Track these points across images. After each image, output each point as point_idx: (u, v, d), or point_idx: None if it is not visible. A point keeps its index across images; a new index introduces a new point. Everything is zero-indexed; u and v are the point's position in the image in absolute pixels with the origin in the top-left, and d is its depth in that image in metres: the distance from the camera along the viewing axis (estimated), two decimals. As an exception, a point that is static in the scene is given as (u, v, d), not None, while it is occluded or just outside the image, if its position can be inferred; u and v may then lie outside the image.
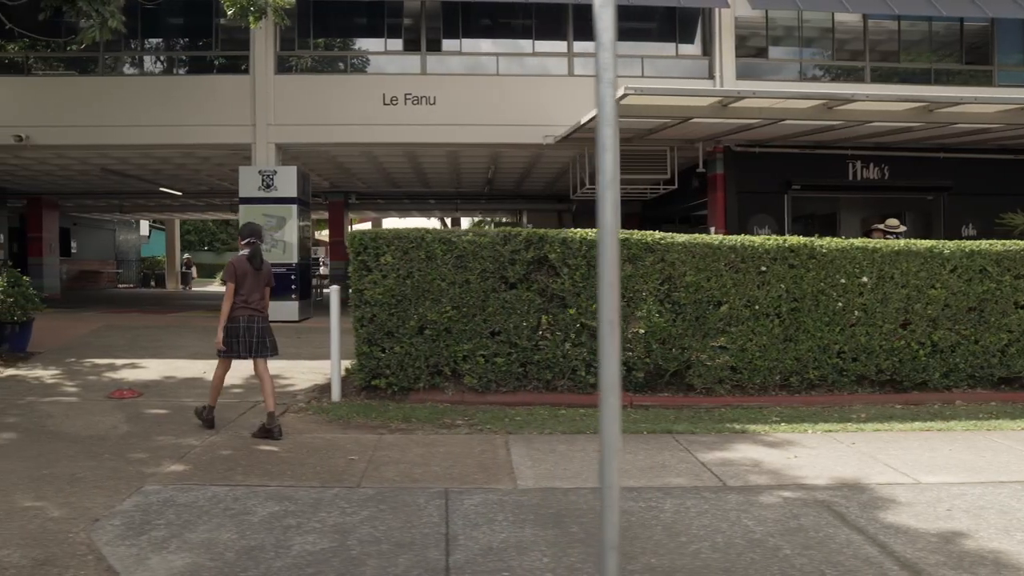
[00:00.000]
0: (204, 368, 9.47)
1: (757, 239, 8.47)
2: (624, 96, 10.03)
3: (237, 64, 15.77)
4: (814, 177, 16.27)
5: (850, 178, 16.44)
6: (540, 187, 23.26)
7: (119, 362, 10.09)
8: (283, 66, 15.58)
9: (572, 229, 8.14)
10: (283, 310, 14.42)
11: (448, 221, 41.27)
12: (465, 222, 42.86)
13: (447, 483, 5.29)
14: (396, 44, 15.87)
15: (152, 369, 9.61)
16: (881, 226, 12.81)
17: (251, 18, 11.34)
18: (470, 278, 7.83)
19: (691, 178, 16.44)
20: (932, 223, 16.80)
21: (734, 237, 8.47)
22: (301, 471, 5.48)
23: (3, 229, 21.80)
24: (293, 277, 14.70)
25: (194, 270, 35.70)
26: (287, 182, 14.70)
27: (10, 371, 9.42)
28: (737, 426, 7.26)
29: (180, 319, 15.32)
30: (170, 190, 22.26)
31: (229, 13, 11.20)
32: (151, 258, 37.88)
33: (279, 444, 6.22)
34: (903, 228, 11.56)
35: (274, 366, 9.65)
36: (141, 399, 7.93)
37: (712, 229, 15.85)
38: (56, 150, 15.83)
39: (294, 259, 14.73)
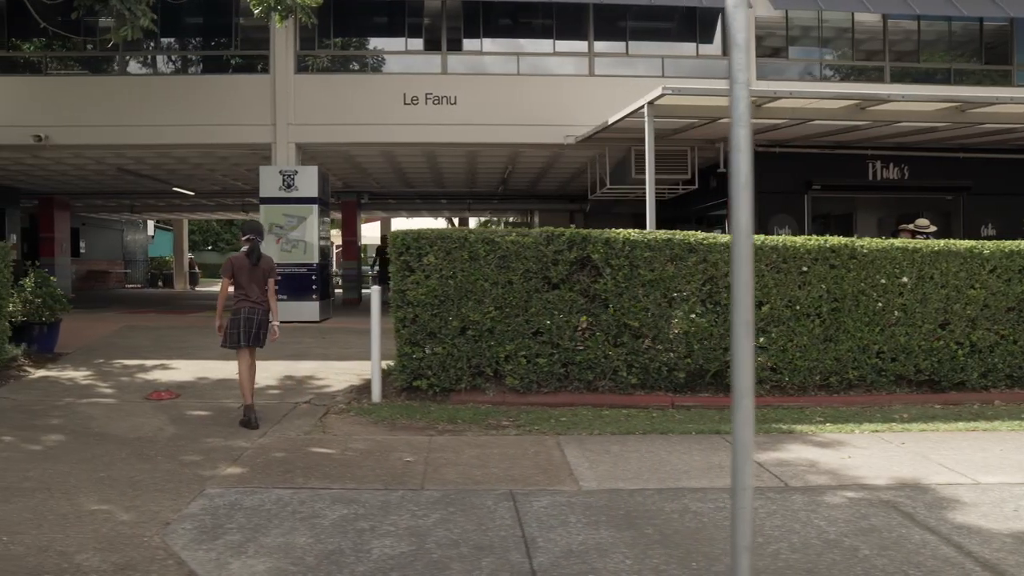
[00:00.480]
0: (236, 370, 9.38)
1: (798, 239, 8.41)
2: (661, 96, 9.95)
3: (257, 64, 15.71)
4: (834, 177, 16.23)
5: (870, 178, 16.40)
6: (554, 187, 23.21)
7: (149, 363, 10.01)
8: (303, 65, 15.52)
9: (615, 229, 8.08)
10: (304, 310, 14.37)
11: (456, 221, 41.24)
12: (471, 222, 42.82)
13: (510, 485, 5.23)
14: (416, 44, 15.80)
15: (184, 370, 9.53)
16: (910, 226, 12.75)
17: (277, 16, 11.26)
18: (513, 278, 7.77)
19: (708, 178, 16.37)
20: (952, 223, 16.74)
21: (775, 237, 8.41)
22: (360, 473, 5.42)
23: (16, 229, 21.71)
24: (314, 277, 14.63)
25: (197, 270, 35.73)
26: (308, 182, 14.63)
27: (41, 372, 9.35)
28: (784, 426, 7.21)
29: (200, 320, 15.22)
30: (183, 190, 22.17)
31: (256, 12, 11.12)
32: (159, 258, 37.77)
33: (332, 446, 6.15)
34: (933, 228, 11.50)
35: (306, 366, 9.66)
36: (179, 400, 7.86)
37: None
38: (74, 150, 15.75)
39: (315, 259, 14.65)
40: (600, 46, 16.08)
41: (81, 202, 25.33)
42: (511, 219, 43.87)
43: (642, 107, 10.61)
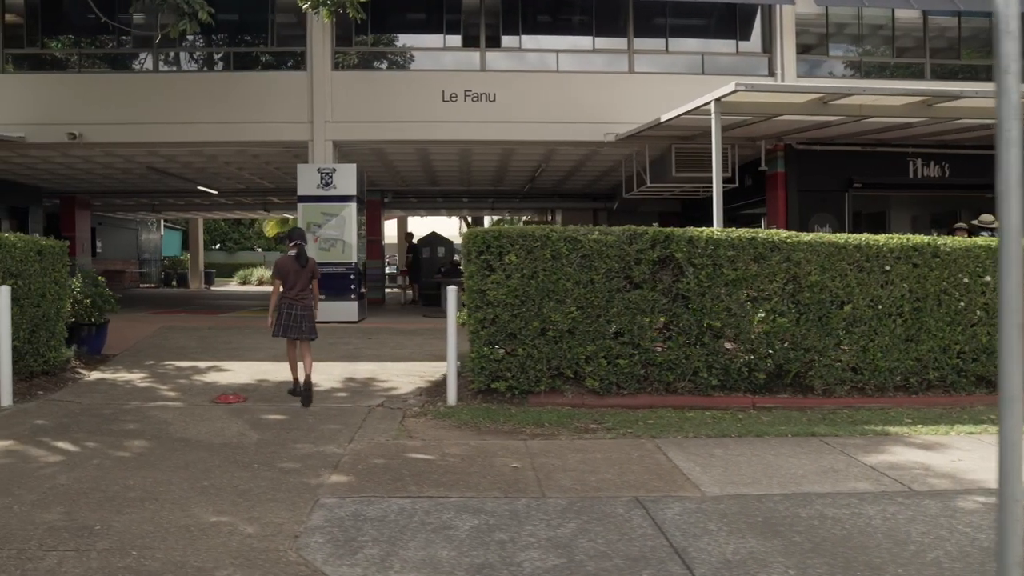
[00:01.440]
0: (289, 373, 9.16)
1: (880, 238, 8.18)
2: (733, 92, 9.70)
3: (293, 60, 15.48)
4: (875, 175, 15.99)
5: (910, 176, 16.16)
6: (579, 186, 22.98)
7: (201, 365, 9.77)
8: (340, 62, 15.27)
9: (698, 227, 7.85)
10: (343, 310, 14.12)
11: (469, 220, 40.97)
12: (486, 221, 42.57)
13: (632, 491, 5.01)
14: (455, 40, 15.58)
15: (239, 372, 9.29)
16: (964, 224, 12.53)
17: (325, 12, 11.00)
18: (595, 278, 7.53)
19: (744, 176, 16.12)
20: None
21: (858, 236, 8.18)
22: (472, 480, 5.17)
23: (38, 229, 21.48)
24: (352, 277, 14.39)
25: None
26: (346, 180, 14.38)
27: (96, 374, 9.10)
28: (877, 427, 7.01)
29: (236, 320, 15.00)
30: (207, 189, 21.93)
31: (304, 7, 10.86)
32: (174, 258, 37.54)
33: (428, 451, 5.91)
34: (997, 224, 11.22)
35: (364, 368, 9.42)
36: (248, 404, 7.62)
37: (773, 227, 15.55)
38: (106, 147, 15.52)
39: (353, 259, 14.41)
40: (640, 43, 15.85)
41: (98, 201, 25.09)
42: (526, 218, 43.62)
43: (708, 103, 10.34)
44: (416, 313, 17.35)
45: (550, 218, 28.59)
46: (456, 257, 32.50)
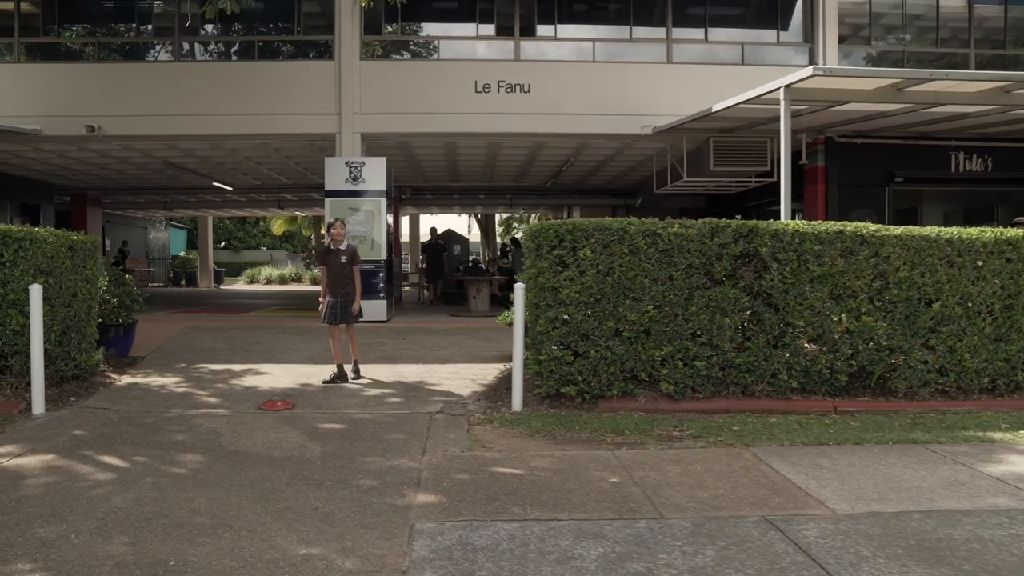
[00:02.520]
0: (328, 374, 8.65)
1: (972, 231, 7.62)
2: (810, 77, 9.12)
3: (319, 50, 14.92)
4: (916, 169, 15.43)
5: (952, 170, 15.60)
6: (603, 182, 22.44)
7: (236, 367, 9.21)
8: (368, 52, 14.71)
9: (782, 221, 7.29)
10: (372, 309, 13.52)
11: (480, 217, 40.37)
12: (494, 219, 41.99)
13: (754, 509, 4.48)
14: (487, 29, 15.02)
15: (278, 376, 8.74)
16: (1025, 219, 11.98)
17: (363, -4, 10.46)
18: (674, 274, 6.97)
19: (774, 172, 15.51)
20: (1038, 216, 15.94)
21: (949, 229, 7.63)
22: (573, 498, 4.62)
23: (51, 226, 20.90)
24: (381, 275, 13.83)
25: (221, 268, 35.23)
26: (376, 174, 13.83)
27: (126, 378, 8.54)
28: (977, 433, 6.51)
29: (259, 320, 14.44)
30: (222, 185, 21.36)
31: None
32: (183, 256, 37.01)
33: (512, 464, 5.35)
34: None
35: (410, 371, 8.87)
36: (298, 411, 7.06)
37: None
38: (124, 140, 14.97)
39: (382, 256, 13.85)
40: (678, 33, 15.30)
41: (109, 198, 24.54)
42: (538, 215, 43.04)
43: (775, 90, 9.76)
44: (440, 312, 16.79)
45: (566, 215, 28.05)
46: (475, 255, 31.92)
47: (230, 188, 22.03)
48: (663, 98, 14.56)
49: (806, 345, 7.40)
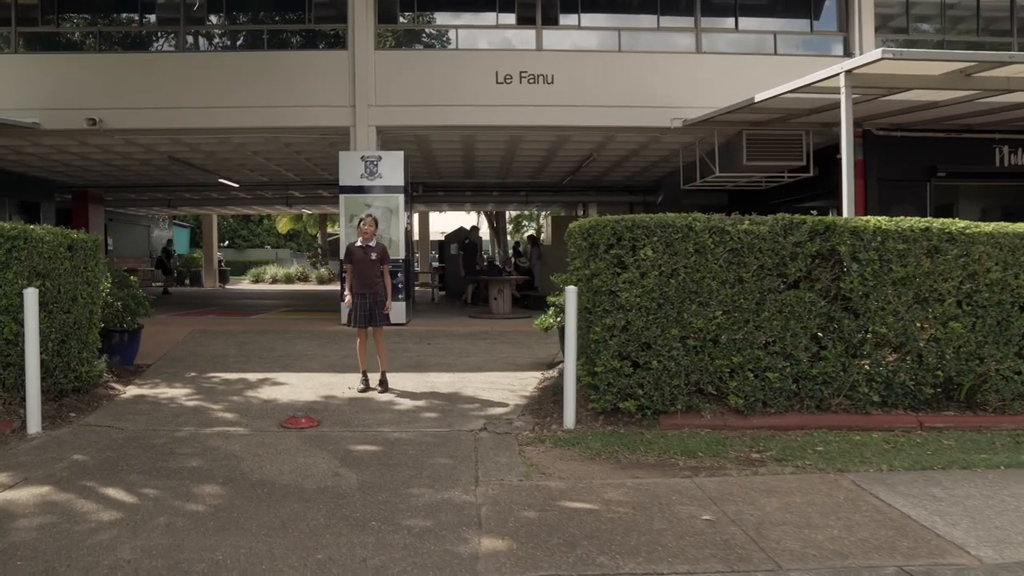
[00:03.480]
0: (351, 384, 7.95)
1: None
2: (878, 61, 8.36)
3: (332, 39, 14.19)
4: (959, 163, 14.68)
5: (996, 164, 14.82)
6: (622, 178, 21.68)
7: (251, 377, 8.48)
8: (383, 41, 13.97)
9: (863, 217, 6.55)
10: (392, 312, 12.72)
11: (494, 215, 39.63)
12: (504, 217, 41.23)
13: (884, 557, 3.80)
14: (508, 18, 14.26)
15: (298, 386, 8.00)
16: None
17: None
18: (744, 276, 6.23)
19: (806, 167, 14.72)
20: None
21: (1045, 223, 6.87)
22: (666, 542, 3.89)
23: (51, 225, 20.18)
24: (400, 275, 13.06)
25: (226, 267, 34.75)
26: (393, 169, 13.08)
27: (132, 390, 7.81)
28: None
29: (270, 322, 13.71)
30: (228, 182, 20.62)
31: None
32: (187, 255, 36.27)
33: (582, 498, 4.61)
34: None
35: (441, 380, 8.13)
36: (325, 429, 6.32)
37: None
38: (127, 135, 14.22)
39: (400, 255, 13.10)
40: (707, 22, 14.55)
41: (111, 196, 23.82)
42: (548, 213, 42.25)
43: (835, 76, 9.01)
44: (459, 313, 16.04)
45: (582, 212, 27.30)
46: (487, 254, 31.12)
47: (236, 185, 21.30)
48: (692, 90, 13.83)
49: (893, 353, 6.67)
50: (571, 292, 6.24)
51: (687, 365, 6.25)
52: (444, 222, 46.69)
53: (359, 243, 7.92)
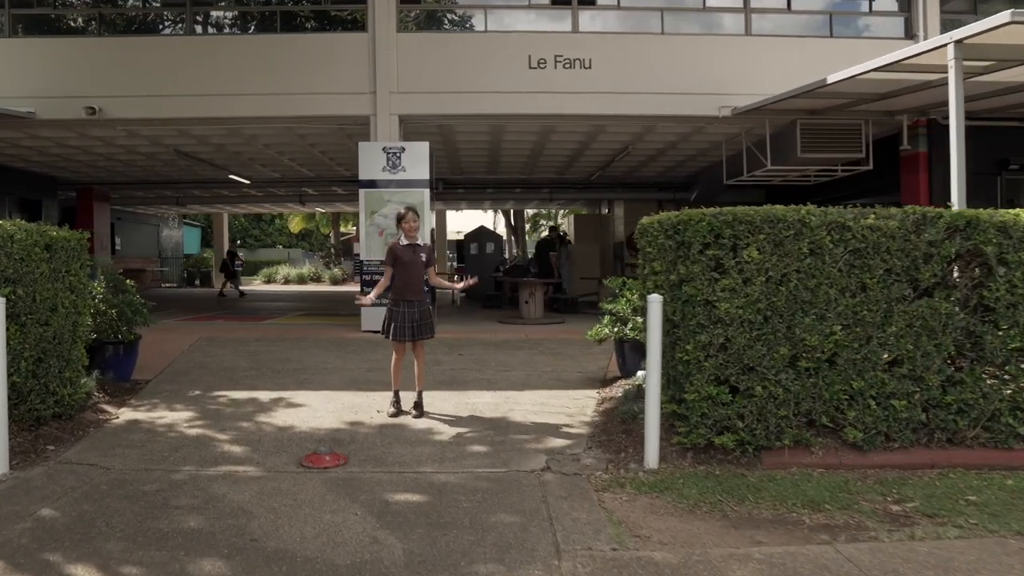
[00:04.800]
0: (379, 405, 6.83)
1: None
2: (1006, 25, 7.14)
3: (350, 21, 13.07)
4: (1034, 155, 13.42)
5: (1077, 156, 13.56)
6: (654, 173, 20.52)
7: (263, 396, 7.36)
8: (407, 24, 12.85)
9: (1011, 210, 5.36)
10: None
11: (512, 213, 38.53)
12: (523, 215, 40.09)
13: None
14: (541, -3, 13.12)
15: (317, 408, 6.88)
16: None
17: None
18: (868, 282, 5.06)
19: (860, 160, 13.49)
20: None
21: None
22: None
23: (53, 223, 19.15)
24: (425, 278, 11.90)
25: (241, 265, 33.91)
26: (417, 162, 11.96)
27: (126, 413, 6.71)
28: None
29: (284, 328, 12.60)
30: (238, 178, 19.55)
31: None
32: (197, 256, 35.32)
33: (705, 583, 3.45)
34: None
35: (483, 401, 7.00)
36: (354, 470, 5.19)
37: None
38: (130, 125, 13.16)
39: (426, 256, 11.93)
40: (757, 1, 13.34)
41: (118, 193, 22.79)
42: (566, 212, 41.06)
43: (942, 47, 7.80)
44: (485, 317, 14.90)
45: (607, 211, 26.09)
46: (508, 253, 29.98)
47: (247, 181, 20.23)
48: (741, 75, 12.69)
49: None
50: (655, 302, 5.07)
51: (797, 391, 5.08)
52: (460, 221, 45.69)
53: (404, 242, 6.71)
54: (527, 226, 42.53)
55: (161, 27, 13.48)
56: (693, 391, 5.04)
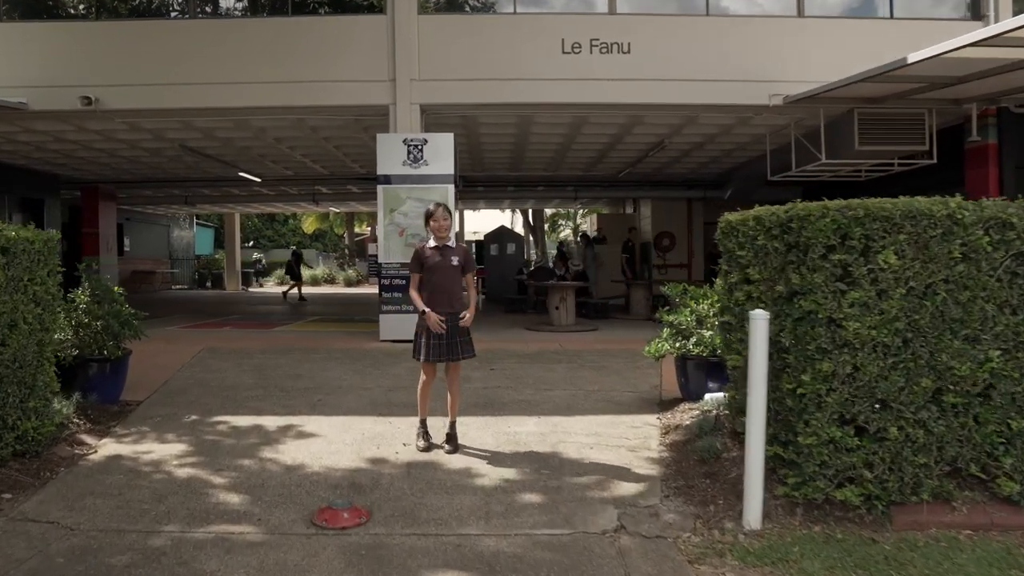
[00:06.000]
0: (405, 435, 5.79)
1: None
2: None
3: (368, 3, 12.05)
4: (1114, 147, 12.25)
5: None
6: (687, 170, 19.36)
7: (269, 423, 6.33)
8: (428, 5, 11.81)
9: None
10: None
11: (528, 213, 37.48)
12: (542, 216, 39.03)
13: None
14: (575, -26, 12.03)
15: (332, 439, 5.85)
16: None
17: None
18: (1034, 293, 3.95)
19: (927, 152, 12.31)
20: None
21: None
22: None
23: (56, 224, 18.26)
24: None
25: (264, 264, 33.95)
26: (441, 155, 10.92)
27: (108, 445, 5.69)
28: None
29: (295, 336, 11.58)
30: (248, 175, 18.57)
31: None
32: (208, 256, 34.46)
33: None
34: None
35: (525, 430, 5.94)
36: (378, 531, 4.14)
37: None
38: (130, 117, 12.17)
39: (450, 258, 10.87)
40: (810, -21, 12.24)
41: (126, 192, 21.88)
42: (585, 211, 39.93)
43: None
44: (512, 324, 13.84)
45: (634, 210, 24.96)
46: (531, 254, 28.89)
47: (258, 180, 19.24)
48: (792, 60, 11.61)
49: None
50: (759, 320, 3.99)
51: (941, 433, 3.99)
52: (477, 221, 44.67)
53: (431, 244, 5.61)
54: (545, 226, 41.46)
55: (162, 9, 12.49)
56: (810, 433, 3.95)
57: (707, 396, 6.33)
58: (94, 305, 6.67)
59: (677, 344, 6.63)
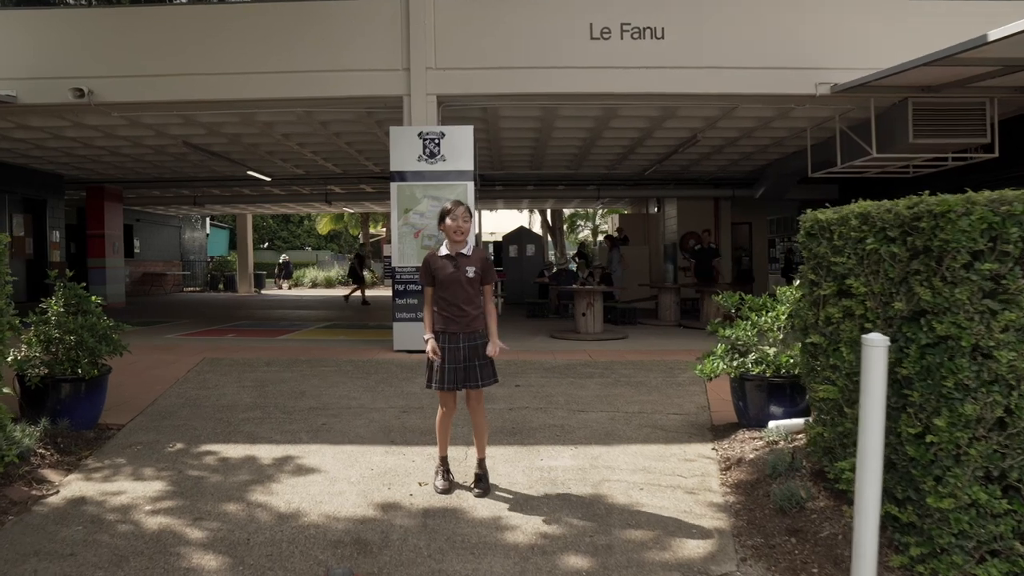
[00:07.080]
0: (421, 470, 4.94)
1: None
2: None
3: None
4: None
5: None
6: (715, 167, 18.42)
7: (263, 454, 5.49)
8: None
9: None
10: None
11: (547, 213, 36.65)
12: (561, 216, 38.16)
13: None
14: (603, -49, 11.09)
15: (336, 477, 4.99)
16: None
17: None
18: None
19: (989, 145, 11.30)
20: None
21: None
22: None
23: (59, 225, 17.58)
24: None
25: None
26: (459, 150, 10.06)
27: (74, 483, 4.86)
28: None
29: (303, 345, 10.74)
30: (257, 174, 17.79)
31: None
32: (221, 258, 33.83)
33: None
34: None
35: (561, 464, 5.02)
36: (385, 604, 3.24)
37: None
38: (128, 111, 11.41)
39: (469, 261, 9.99)
40: (859, -44, 11.23)
41: (133, 193, 21.20)
42: (605, 212, 39.01)
43: None
44: (534, 331, 12.96)
45: (656, 209, 23.99)
46: (551, 256, 28.03)
47: (267, 179, 18.46)
48: (839, 46, 10.69)
49: None
50: (876, 348, 3.06)
51: (1115, 495, 3.05)
52: (493, 221, 43.81)
53: (443, 251, 4.67)
54: (564, 227, 40.56)
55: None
56: (945, 494, 3.03)
57: (771, 424, 5.43)
58: (67, 317, 5.84)
59: (735, 363, 5.72)
